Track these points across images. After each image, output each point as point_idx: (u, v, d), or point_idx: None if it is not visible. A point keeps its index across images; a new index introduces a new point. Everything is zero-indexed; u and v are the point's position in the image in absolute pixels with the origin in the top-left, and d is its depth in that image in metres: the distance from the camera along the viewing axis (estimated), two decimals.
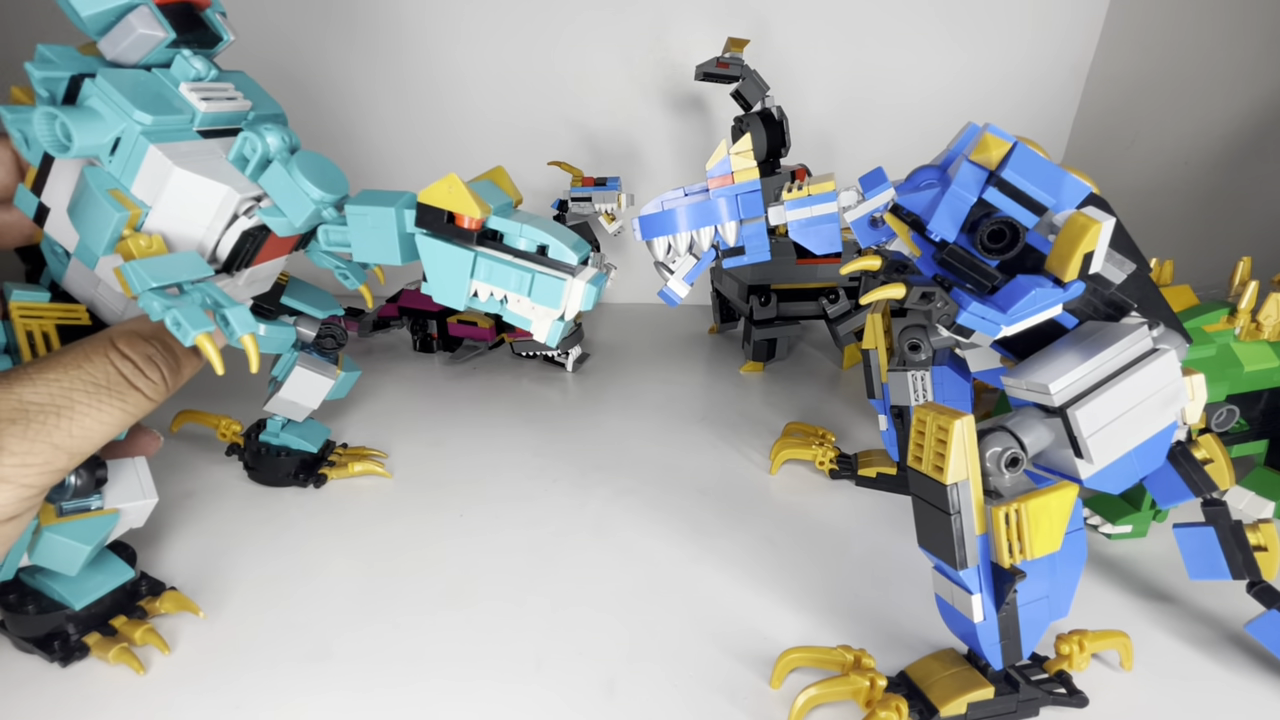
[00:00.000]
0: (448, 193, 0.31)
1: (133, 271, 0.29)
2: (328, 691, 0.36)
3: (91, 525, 0.36)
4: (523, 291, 0.32)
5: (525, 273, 0.31)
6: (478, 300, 0.33)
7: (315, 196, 0.33)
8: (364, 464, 0.55)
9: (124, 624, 0.39)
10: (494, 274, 0.32)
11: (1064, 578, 0.34)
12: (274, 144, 0.34)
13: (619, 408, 0.70)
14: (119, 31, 0.31)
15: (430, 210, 0.32)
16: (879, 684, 0.35)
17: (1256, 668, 0.39)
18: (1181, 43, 0.84)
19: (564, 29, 0.91)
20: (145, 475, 0.40)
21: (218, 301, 0.31)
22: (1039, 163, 0.32)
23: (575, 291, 0.32)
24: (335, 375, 0.53)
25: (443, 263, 0.32)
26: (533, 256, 0.32)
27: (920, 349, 0.50)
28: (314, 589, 0.44)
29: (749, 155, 0.37)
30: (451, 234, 0.32)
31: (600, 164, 0.97)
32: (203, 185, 0.32)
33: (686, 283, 0.39)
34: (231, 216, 0.34)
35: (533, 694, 0.37)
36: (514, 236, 0.33)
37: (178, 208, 0.32)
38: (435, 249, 0.32)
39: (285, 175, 0.33)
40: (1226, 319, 0.49)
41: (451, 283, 0.32)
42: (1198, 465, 0.37)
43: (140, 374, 0.32)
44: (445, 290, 0.33)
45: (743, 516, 0.52)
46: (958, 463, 0.31)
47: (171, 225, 0.33)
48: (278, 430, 0.53)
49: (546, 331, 0.33)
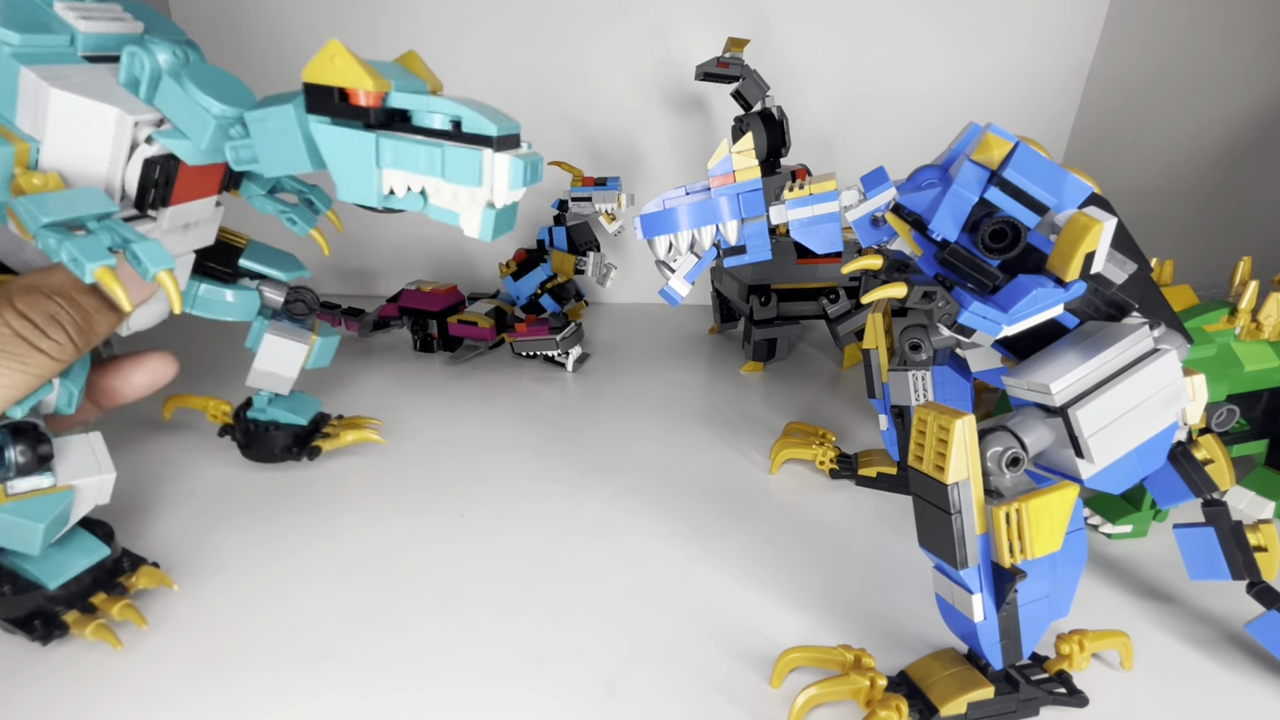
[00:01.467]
0: (331, 64, 0.27)
1: (23, 208, 0.27)
2: (328, 692, 0.36)
3: (43, 503, 0.35)
4: (436, 172, 0.28)
5: (435, 149, 0.27)
6: (396, 199, 0.29)
7: (215, 111, 0.30)
8: (357, 432, 0.53)
9: (103, 600, 0.38)
10: (401, 156, 0.28)
11: (1064, 577, 0.34)
12: (165, 59, 0.30)
13: (619, 408, 0.70)
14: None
15: (319, 91, 0.28)
16: (879, 683, 0.35)
17: (1256, 668, 0.39)
18: (1181, 43, 0.84)
19: (564, 29, 0.91)
20: (101, 450, 0.38)
21: (125, 238, 0.28)
22: (1041, 162, 0.32)
23: (499, 167, 0.27)
24: (309, 340, 0.50)
25: (345, 153, 0.28)
26: (448, 135, 0.28)
27: (921, 349, 0.50)
28: (314, 589, 0.44)
29: (751, 154, 0.37)
30: (347, 115, 0.28)
31: (600, 164, 0.97)
32: (89, 108, 0.29)
33: (687, 281, 0.39)
34: (131, 145, 0.31)
35: (533, 694, 0.37)
36: (423, 113, 0.28)
37: (69, 139, 0.30)
38: (334, 137, 0.28)
39: (179, 90, 0.30)
40: (1227, 319, 0.49)
41: (358, 176, 0.28)
42: (1198, 465, 0.37)
43: (41, 334, 0.30)
44: (354, 186, 0.29)
45: (743, 516, 0.52)
46: (958, 462, 0.31)
47: (69, 160, 0.30)
48: (264, 405, 0.52)
49: (477, 223, 0.29)
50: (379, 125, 0.28)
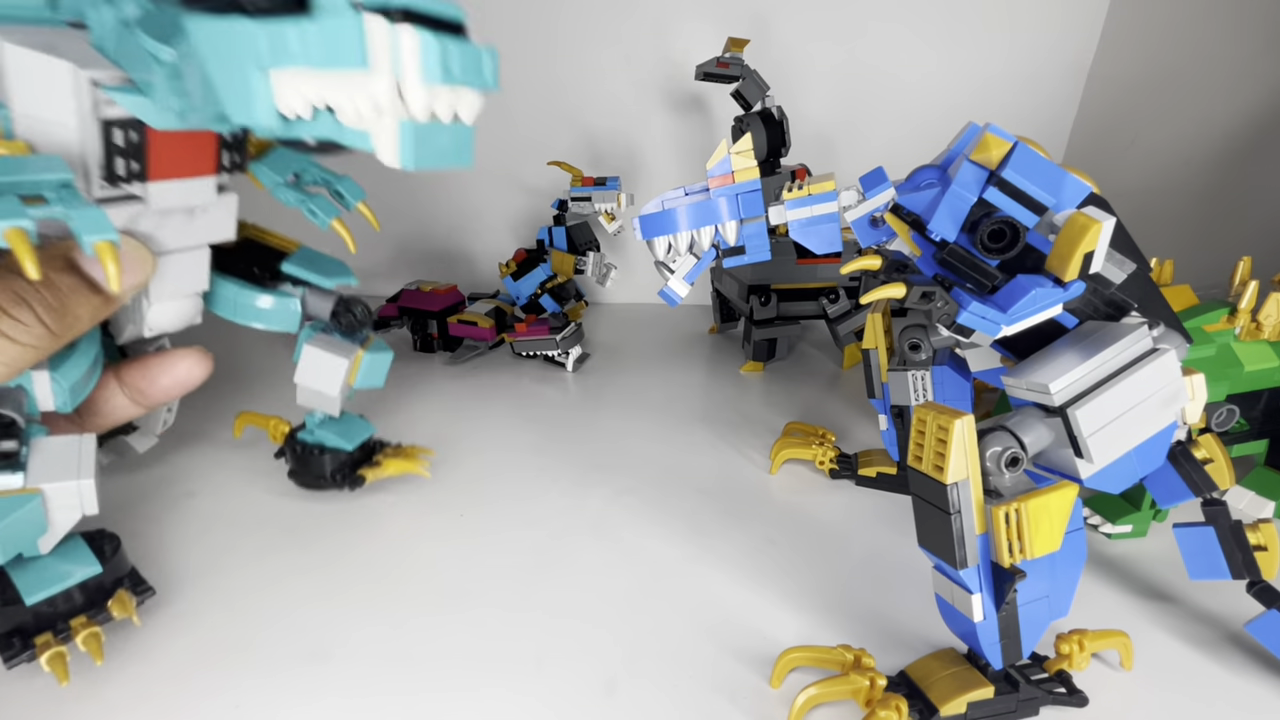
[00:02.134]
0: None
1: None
2: (327, 692, 0.36)
3: (2, 505, 0.31)
4: (308, 58, 0.21)
5: (305, 23, 0.21)
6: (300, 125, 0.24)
7: (165, 57, 0.26)
8: (401, 464, 0.51)
9: (81, 624, 0.35)
10: (276, 45, 0.22)
11: (1064, 577, 0.34)
12: (132, 12, 0.26)
13: (619, 408, 0.70)
14: None
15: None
16: (879, 683, 0.35)
17: (1256, 667, 0.39)
18: (1181, 43, 0.84)
19: (564, 29, 0.91)
20: (87, 455, 0.34)
21: (67, 204, 0.26)
22: (1039, 162, 0.32)
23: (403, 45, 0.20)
24: (353, 355, 0.46)
25: (223, 53, 0.23)
26: None
27: (920, 349, 0.50)
28: (314, 589, 0.44)
29: (750, 154, 0.37)
30: (224, 6, 0.22)
31: (600, 164, 0.97)
32: (39, 64, 0.26)
33: (687, 282, 0.39)
34: (93, 106, 0.28)
35: (533, 694, 0.37)
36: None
37: (32, 102, 0.27)
38: (213, 35, 0.23)
39: (132, 41, 0.26)
40: (1226, 319, 0.49)
41: (241, 84, 0.23)
42: (1198, 465, 0.37)
43: (5, 317, 0.27)
44: (240, 100, 0.23)
45: (743, 516, 0.52)
46: (958, 462, 0.31)
47: (38, 128, 0.28)
48: (314, 426, 0.49)
49: (392, 143, 0.22)
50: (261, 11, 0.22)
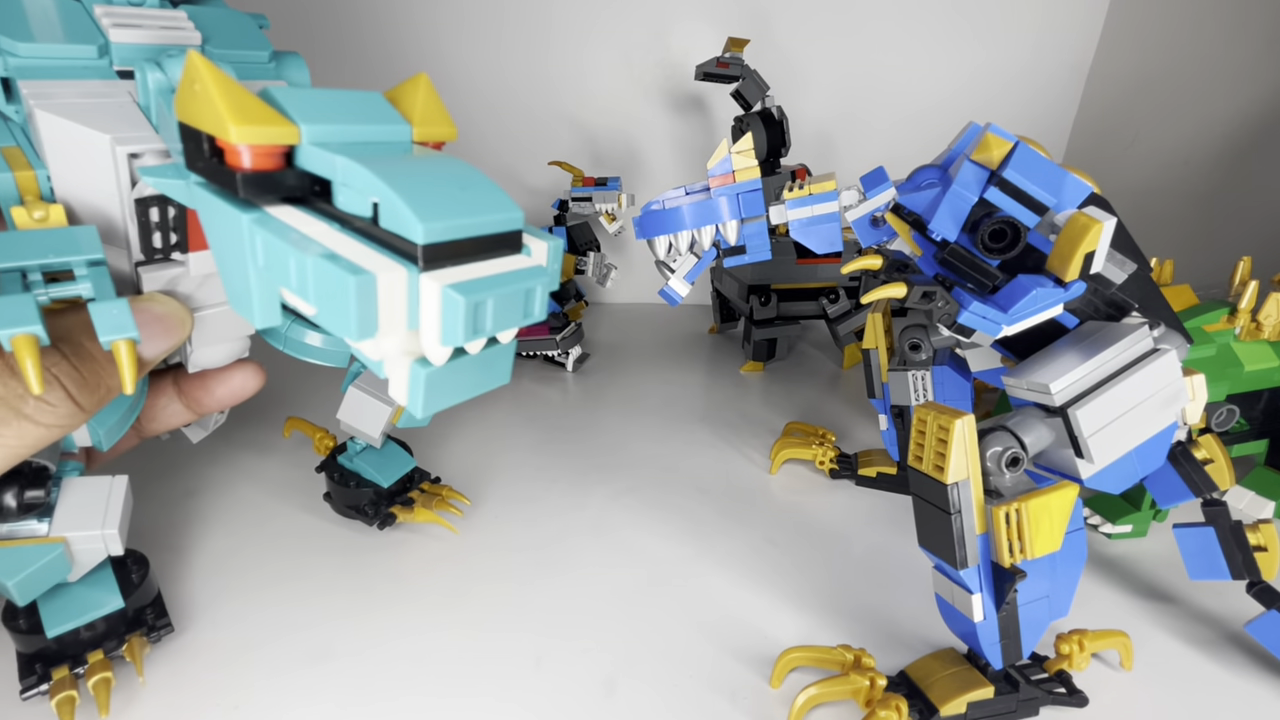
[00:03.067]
0: (192, 91, 0.18)
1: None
2: (328, 692, 0.36)
3: (21, 555, 0.30)
4: (305, 295, 0.18)
5: (303, 255, 0.17)
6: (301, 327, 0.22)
7: None
8: (431, 513, 0.48)
9: (98, 661, 0.34)
10: (272, 258, 0.18)
11: (1064, 577, 0.34)
12: (178, 77, 0.23)
13: (619, 408, 0.70)
14: None
15: (191, 135, 0.19)
16: (879, 683, 0.35)
17: (1256, 668, 0.39)
18: (1181, 43, 0.84)
19: (564, 28, 0.91)
20: (115, 499, 0.33)
21: (94, 294, 0.23)
22: (1040, 162, 0.32)
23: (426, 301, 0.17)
24: (393, 404, 0.44)
25: (223, 239, 0.19)
26: (361, 225, 0.18)
27: (921, 348, 0.50)
28: (314, 589, 0.44)
29: (750, 154, 0.37)
30: (222, 181, 0.19)
31: (600, 164, 0.97)
32: (77, 134, 0.24)
33: (687, 281, 0.39)
34: (133, 180, 0.25)
35: (533, 694, 0.37)
36: (339, 186, 0.19)
37: (68, 168, 0.24)
38: (213, 213, 0.19)
39: (169, 115, 0.23)
40: (1226, 319, 0.49)
41: (236, 276, 0.19)
42: (1198, 465, 0.37)
43: (29, 398, 0.23)
44: (235, 291, 0.20)
45: (743, 516, 0.52)
46: (958, 462, 0.31)
47: (77, 193, 0.25)
48: (354, 454, 0.48)
49: (404, 385, 0.19)
50: (296, 199, 0.19)
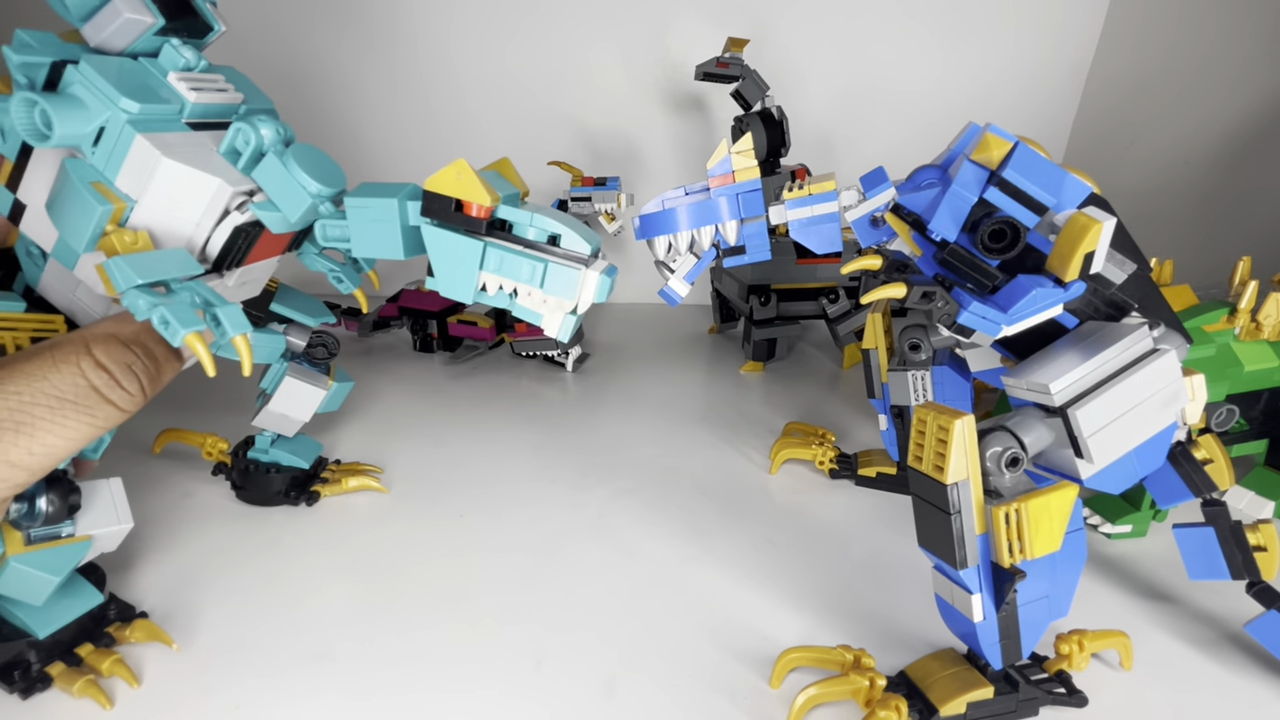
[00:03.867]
0: (456, 179, 0.30)
1: (116, 268, 0.28)
2: (328, 692, 0.36)
3: (62, 554, 0.35)
4: (535, 283, 0.30)
5: (538, 262, 0.30)
6: (486, 295, 0.32)
7: (312, 190, 0.32)
8: (359, 479, 0.53)
9: (90, 653, 0.36)
10: (505, 265, 0.30)
11: (1064, 577, 0.34)
12: (268, 136, 0.32)
13: (619, 408, 0.70)
14: (104, 16, 0.30)
15: (437, 198, 0.30)
16: (879, 683, 0.35)
17: (1256, 668, 0.39)
18: (1181, 43, 0.84)
19: (564, 28, 0.91)
20: (120, 499, 0.38)
21: (208, 300, 0.29)
22: (1040, 162, 0.32)
23: (589, 282, 0.30)
24: (327, 386, 0.51)
25: (450, 254, 0.31)
26: (543, 247, 0.31)
27: (920, 349, 0.50)
28: (313, 589, 0.44)
29: (750, 154, 0.37)
30: (459, 223, 0.31)
31: (600, 164, 0.97)
32: (193, 177, 0.31)
33: (687, 282, 0.39)
34: (223, 211, 0.32)
35: (533, 694, 0.37)
36: (524, 226, 0.31)
37: (166, 201, 0.31)
38: (442, 240, 0.31)
39: (280, 168, 0.32)
40: (1226, 319, 0.49)
41: (460, 275, 0.31)
42: (1197, 465, 0.37)
43: (115, 385, 0.29)
44: (453, 284, 0.31)
45: (743, 516, 0.52)
46: (958, 462, 0.31)
47: (159, 220, 0.31)
48: (267, 446, 0.51)
49: (558, 326, 0.31)
50: (485, 233, 0.31)
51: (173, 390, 0.54)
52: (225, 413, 0.59)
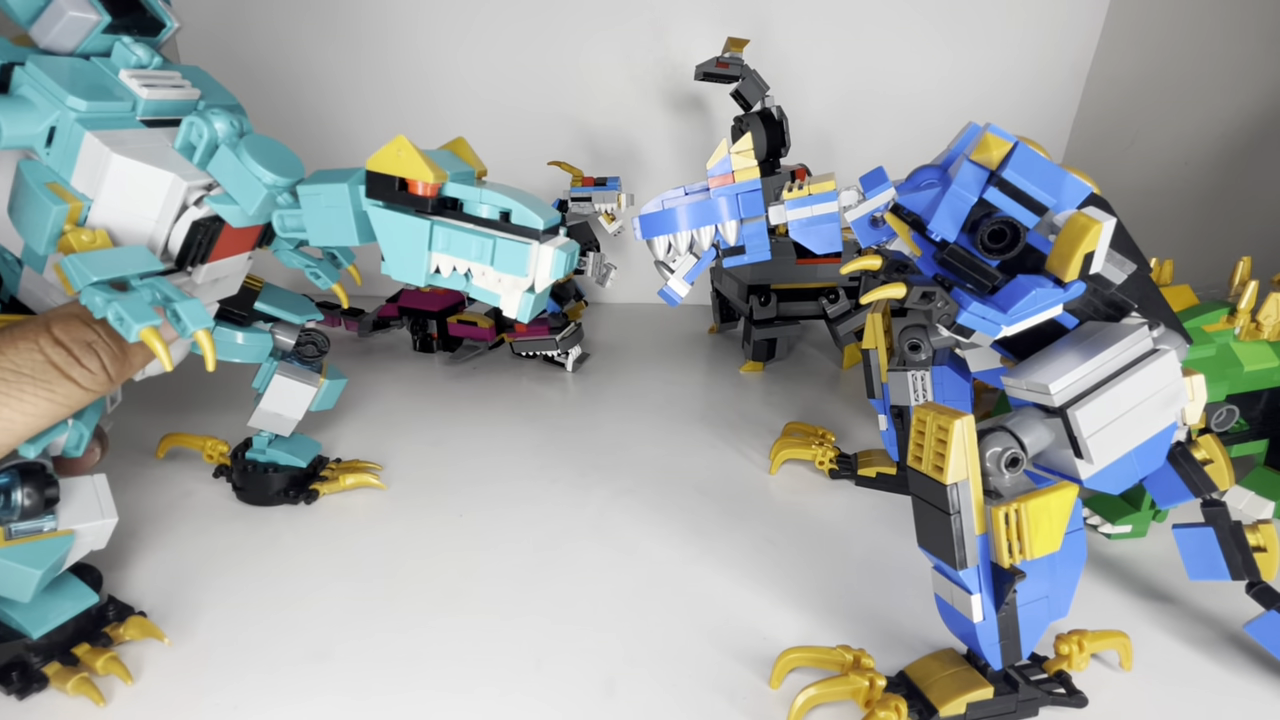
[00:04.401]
0: (397, 157, 0.29)
1: (72, 265, 0.28)
2: (327, 692, 0.36)
3: (44, 548, 0.34)
4: (485, 260, 0.29)
5: (486, 239, 0.29)
6: (440, 277, 0.31)
7: (267, 180, 0.31)
8: (357, 476, 0.53)
9: (86, 652, 0.36)
10: (453, 243, 0.30)
11: (1064, 578, 0.34)
12: (221, 129, 0.32)
13: (619, 408, 0.70)
14: (49, 16, 0.30)
15: (380, 178, 0.30)
16: (878, 684, 0.35)
17: (1256, 668, 0.39)
18: (1181, 43, 0.84)
19: (564, 28, 0.91)
20: (104, 493, 0.38)
21: (168, 296, 0.29)
22: (1040, 163, 0.32)
23: (543, 257, 0.29)
24: (318, 384, 0.51)
25: (398, 235, 0.30)
26: (495, 224, 0.30)
27: (920, 349, 0.50)
28: (313, 589, 0.44)
29: (750, 154, 0.37)
30: (405, 202, 0.30)
31: (600, 164, 0.97)
32: (145, 173, 0.31)
33: (687, 282, 0.39)
34: (180, 207, 0.32)
35: (533, 694, 0.37)
36: (474, 203, 0.30)
37: (121, 199, 0.31)
38: (389, 221, 0.30)
39: (234, 160, 0.31)
40: (1226, 319, 0.49)
41: (409, 257, 0.30)
42: (1197, 465, 0.37)
43: (75, 362, 0.29)
44: (403, 266, 0.31)
45: (742, 516, 0.52)
46: (958, 463, 0.31)
47: (117, 218, 0.31)
48: (264, 446, 0.51)
49: (516, 305, 0.31)
50: (433, 212, 0.30)
51: (172, 392, 0.55)
52: (223, 413, 0.60)
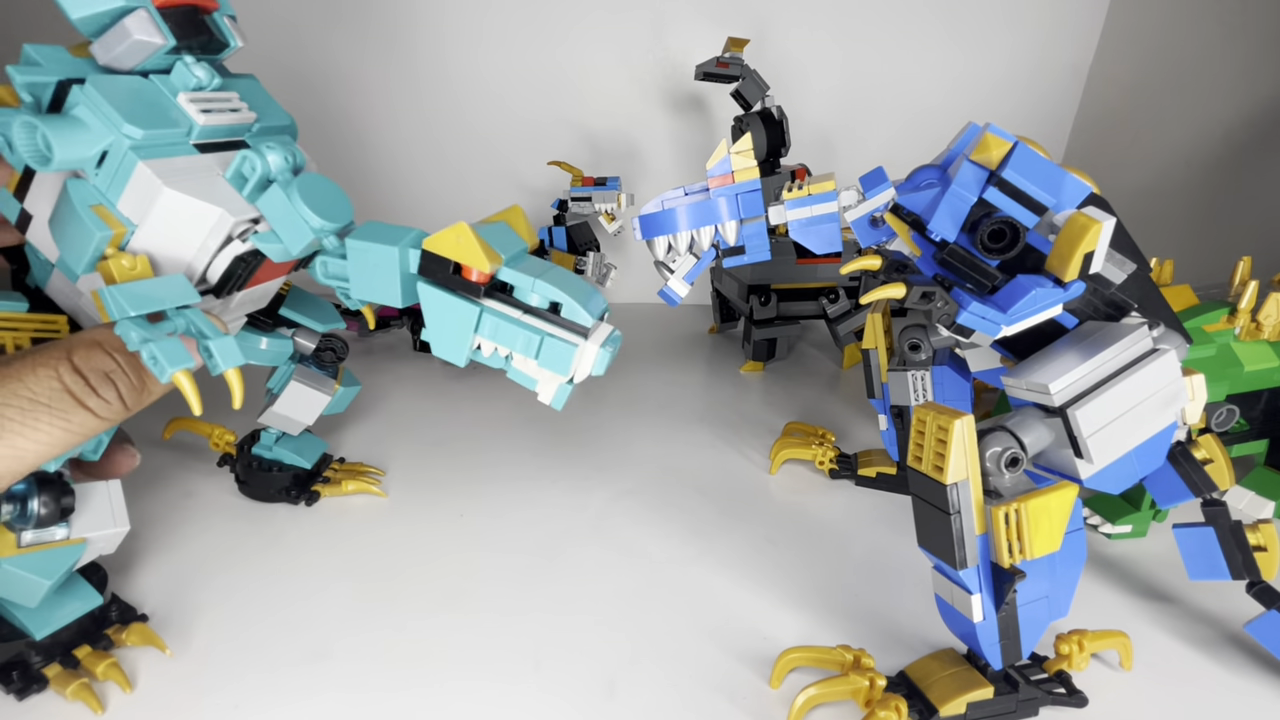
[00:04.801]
0: (456, 243, 0.29)
1: (112, 298, 0.28)
2: (327, 691, 0.36)
3: (55, 557, 0.34)
4: (530, 354, 0.29)
5: (534, 334, 0.29)
6: (480, 354, 0.31)
7: (315, 225, 0.31)
8: (358, 482, 0.53)
9: (87, 655, 0.36)
10: (500, 332, 0.29)
11: (1064, 578, 0.34)
12: (275, 163, 0.32)
13: (619, 408, 0.70)
14: (113, 36, 0.29)
15: (436, 259, 0.29)
16: (878, 684, 0.35)
17: (1256, 668, 0.39)
18: (1181, 43, 0.84)
19: (564, 29, 0.91)
20: (118, 501, 0.38)
21: (202, 331, 0.29)
22: (1039, 162, 0.32)
23: (587, 356, 0.29)
24: (333, 390, 0.51)
25: (445, 315, 0.30)
26: (543, 314, 0.30)
27: (920, 349, 0.50)
28: (313, 589, 0.44)
29: (749, 154, 0.37)
30: (457, 286, 0.30)
31: (600, 164, 0.97)
32: (194, 207, 0.30)
33: (687, 282, 0.39)
34: (225, 239, 0.32)
35: (533, 694, 0.37)
36: (525, 290, 0.30)
37: (166, 228, 0.30)
38: (438, 299, 0.30)
39: (284, 200, 0.31)
40: (1226, 319, 0.48)
41: (454, 337, 0.30)
42: (1197, 465, 0.37)
43: (91, 392, 0.28)
44: (446, 344, 0.30)
45: (743, 516, 0.52)
46: (958, 462, 0.31)
47: (159, 245, 0.31)
48: (271, 444, 0.51)
49: (552, 395, 0.31)
50: (484, 295, 0.30)
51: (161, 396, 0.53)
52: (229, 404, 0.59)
